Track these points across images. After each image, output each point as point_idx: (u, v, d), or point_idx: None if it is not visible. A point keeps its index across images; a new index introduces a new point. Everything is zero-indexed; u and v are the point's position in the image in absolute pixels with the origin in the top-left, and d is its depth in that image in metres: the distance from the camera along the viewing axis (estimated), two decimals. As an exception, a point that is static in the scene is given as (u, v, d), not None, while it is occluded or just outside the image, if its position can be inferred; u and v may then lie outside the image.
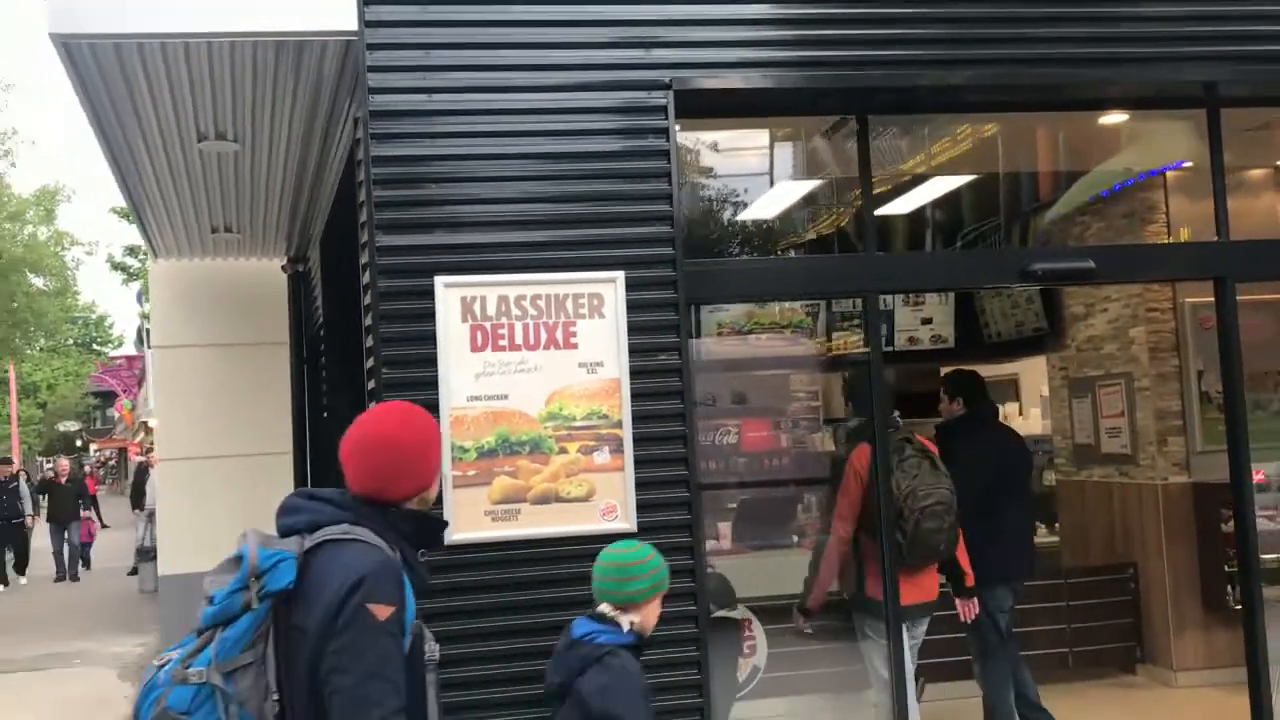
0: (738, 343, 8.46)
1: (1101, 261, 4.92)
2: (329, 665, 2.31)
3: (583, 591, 4.14)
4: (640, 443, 4.37)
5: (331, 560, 2.40)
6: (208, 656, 2.33)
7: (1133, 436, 7.46)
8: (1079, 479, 8.13)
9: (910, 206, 7.84)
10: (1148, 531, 7.35)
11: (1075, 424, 8.13)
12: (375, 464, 2.58)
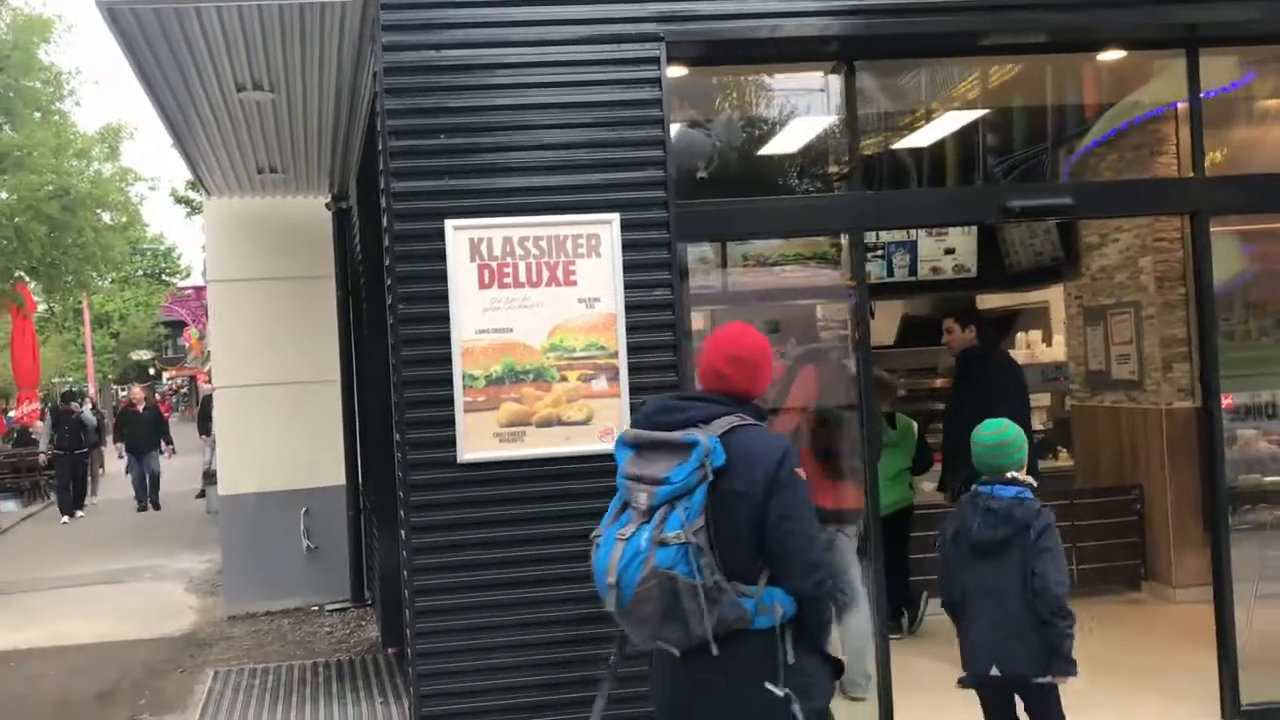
0: (764, 274, 8.76)
1: (1079, 198, 5.16)
2: (779, 514, 2.97)
3: (581, 504, 4.61)
4: (635, 372, 4.76)
5: (753, 441, 3.03)
6: (677, 522, 2.91)
7: (1140, 363, 7.69)
8: (1092, 404, 8.38)
9: (930, 140, 8.05)
10: (1152, 455, 7.61)
11: (1089, 351, 8.36)
12: (746, 367, 3.19)
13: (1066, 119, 8.24)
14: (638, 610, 2.96)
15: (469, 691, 4.63)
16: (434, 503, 4.65)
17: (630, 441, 3.14)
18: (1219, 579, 5.32)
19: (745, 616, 2.97)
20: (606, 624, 4.61)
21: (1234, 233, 6.75)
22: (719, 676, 2.99)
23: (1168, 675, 5.83)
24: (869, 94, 7.69)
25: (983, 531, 4.07)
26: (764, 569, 3.00)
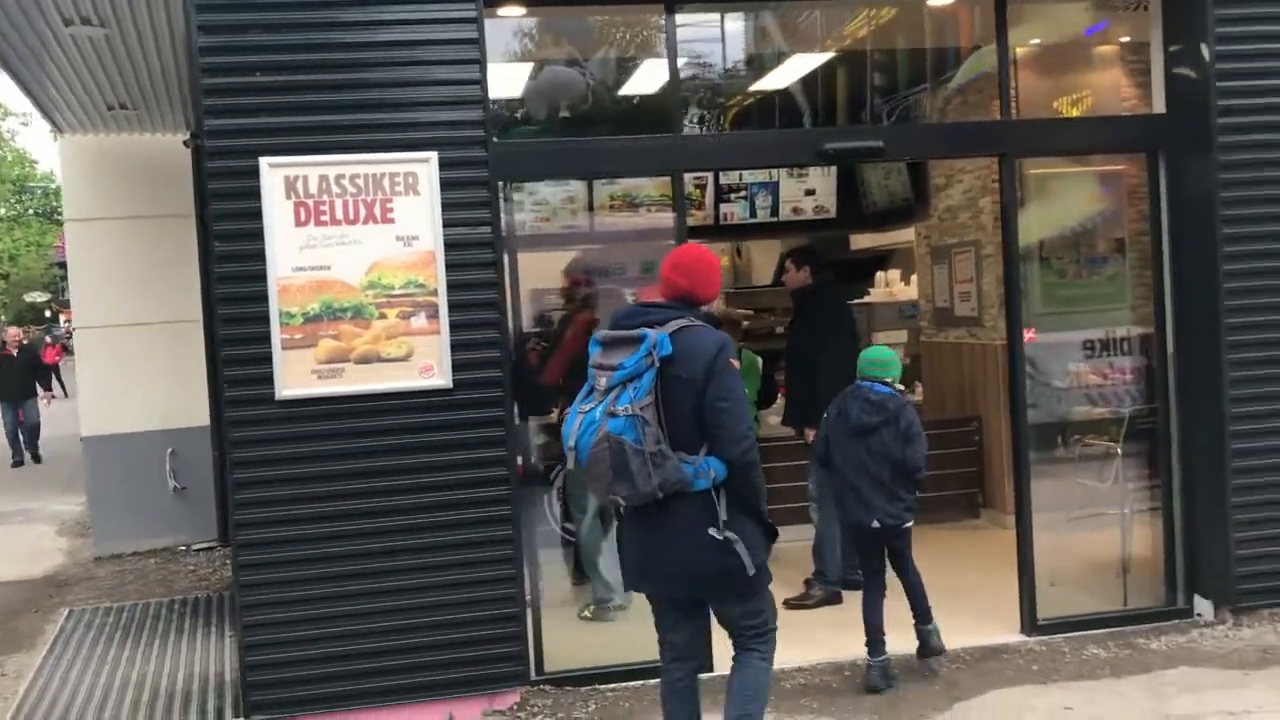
0: (628, 214, 8.86)
1: (891, 140, 5.36)
2: (714, 395, 3.61)
3: (403, 439, 4.74)
4: (455, 309, 4.87)
5: (696, 337, 3.67)
6: (627, 399, 3.56)
7: (980, 300, 8.00)
8: (938, 340, 8.71)
9: (786, 83, 8.23)
10: (989, 388, 7.95)
11: (936, 289, 8.67)
12: (696, 275, 3.83)
13: (916, 65, 8.47)
14: (594, 468, 3.60)
15: (291, 621, 4.76)
16: (253, 439, 4.74)
17: (599, 340, 3.77)
18: (1020, 505, 5.65)
19: (686, 479, 3.60)
20: (424, 554, 4.82)
21: (1094, 174, 7.06)
22: (674, 525, 3.64)
23: (982, 595, 6.16)
24: (699, 37, 7.86)
25: (861, 417, 5.06)
26: (704, 441, 3.63)
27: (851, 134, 6.01)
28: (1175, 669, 5.07)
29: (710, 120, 8.88)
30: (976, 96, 7.76)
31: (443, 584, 4.88)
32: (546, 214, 7.69)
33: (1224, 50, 5.40)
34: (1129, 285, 6.54)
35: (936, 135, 5.96)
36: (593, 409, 3.62)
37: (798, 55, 8.10)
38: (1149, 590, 5.95)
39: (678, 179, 5.27)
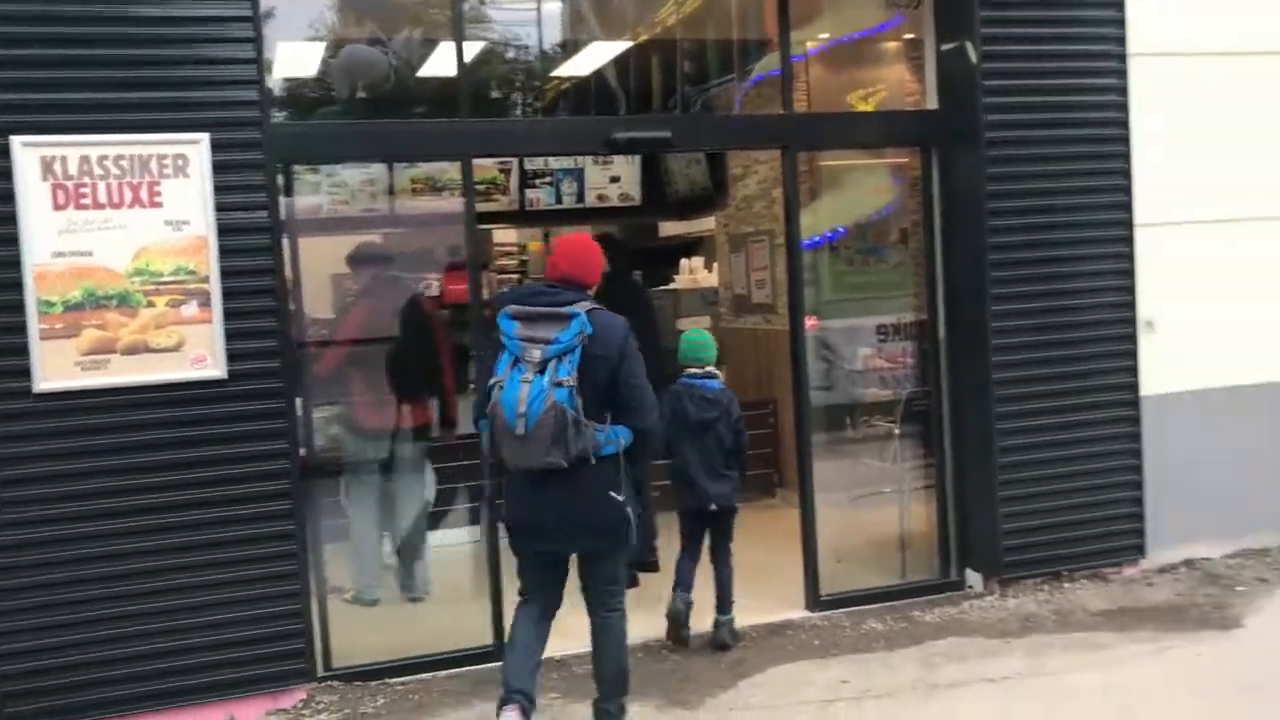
0: (431, 199, 8.73)
1: (679, 131, 5.43)
2: (629, 372, 4.07)
3: (175, 433, 4.54)
4: (230, 296, 4.69)
5: (608, 320, 4.08)
6: (565, 371, 3.92)
7: (774, 288, 8.22)
8: (737, 326, 8.92)
9: (591, 68, 8.25)
10: (784, 372, 8.14)
11: (734, 277, 8.87)
12: (582, 262, 4.25)
13: (721, 56, 8.62)
14: (538, 434, 3.92)
15: (55, 627, 4.51)
16: (10, 434, 4.46)
17: (515, 315, 4.05)
18: (803, 486, 5.85)
19: (598, 445, 4.02)
20: (200, 551, 4.64)
21: (882, 166, 7.32)
22: (579, 487, 4.02)
23: (772, 573, 6.33)
24: (507, 20, 7.81)
25: (699, 414, 5.45)
26: (609, 412, 4.07)
27: (641, 124, 6.07)
28: (945, 639, 5.34)
29: (513, 105, 8.84)
30: (770, 90, 7.95)
31: (221, 581, 4.71)
32: (345, 197, 7.52)
33: (990, 50, 5.68)
34: (910, 274, 6.84)
35: (724, 127, 6.08)
36: (536, 379, 3.93)
37: (602, 42, 8.15)
38: (925, 564, 6.25)
39: (466, 164, 5.21)
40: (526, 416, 3.90)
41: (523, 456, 4.00)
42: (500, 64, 7.97)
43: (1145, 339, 5.99)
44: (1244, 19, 6.19)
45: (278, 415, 4.77)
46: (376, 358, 6.02)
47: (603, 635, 4.31)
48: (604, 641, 4.32)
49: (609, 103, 8.47)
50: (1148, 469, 6.02)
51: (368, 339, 5.99)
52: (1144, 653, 5.01)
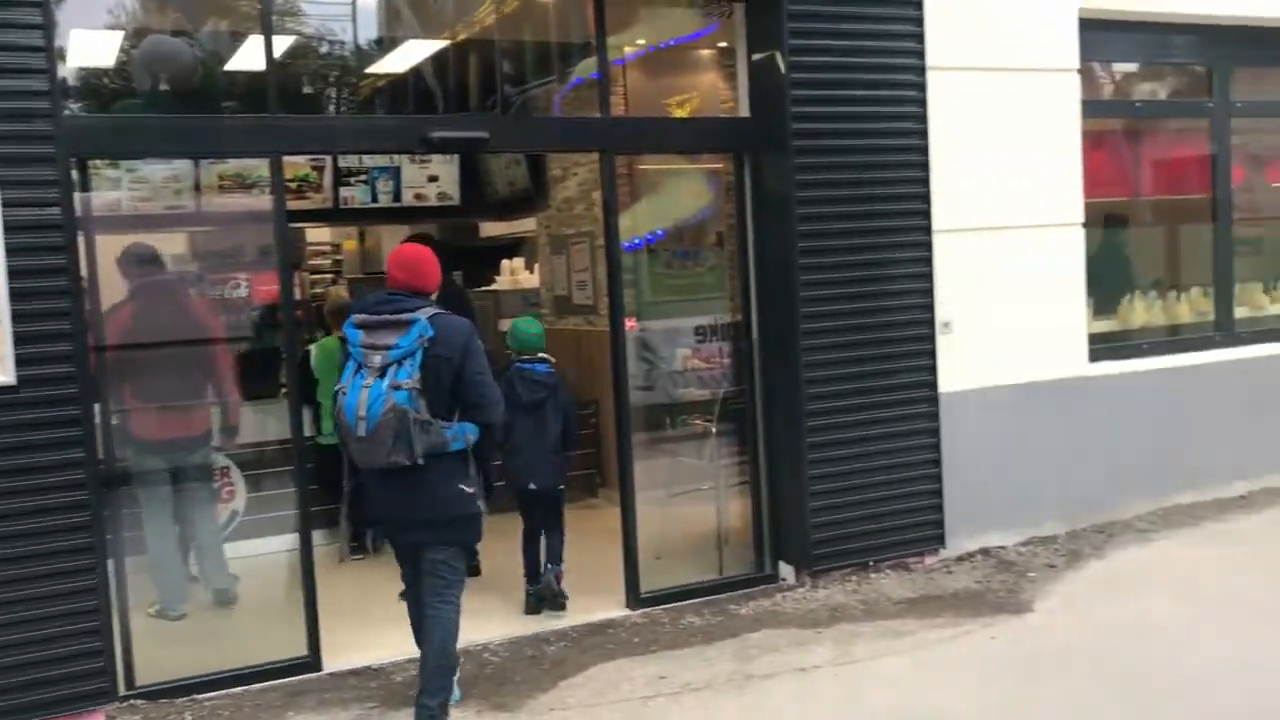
0: (242, 196, 8.42)
1: (496, 131, 5.42)
2: (473, 371, 4.30)
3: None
4: (18, 298, 4.44)
5: (450, 322, 4.31)
6: (406, 374, 4.13)
7: (595, 289, 8.29)
8: (559, 327, 8.93)
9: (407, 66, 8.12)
10: (606, 373, 8.23)
11: (555, 278, 8.90)
12: (417, 270, 4.43)
13: (541, 58, 8.62)
14: (380, 435, 4.13)
15: None
16: None
17: (360, 325, 4.27)
18: (623, 484, 5.92)
19: (446, 442, 4.27)
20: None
21: (699, 170, 7.45)
22: (429, 482, 4.26)
23: (594, 572, 6.39)
24: (323, 15, 7.62)
25: (529, 395, 5.82)
26: (456, 410, 4.31)
27: (458, 123, 6.01)
28: (760, 632, 5.49)
29: (327, 102, 8.63)
30: (589, 93, 8.00)
31: (15, 599, 4.47)
32: (148, 193, 7.18)
33: (798, 60, 5.88)
34: (726, 276, 7.00)
35: (541, 129, 6.11)
36: (376, 383, 4.14)
37: (419, 40, 8.02)
38: (742, 559, 6.41)
39: (276, 161, 5.07)
40: (367, 419, 4.12)
41: (368, 457, 4.23)
42: (313, 59, 7.76)
43: (943, 339, 6.31)
44: (1027, 36, 6.59)
45: (73, 423, 4.54)
46: (146, 364, 5.79)
47: (434, 626, 4.44)
48: (433, 631, 4.44)
49: (427, 101, 8.36)
50: (946, 463, 6.34)
51: (137, 344, 5.72)
52: (944, 638, 5.28)
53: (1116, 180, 7.87)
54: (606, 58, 5.67)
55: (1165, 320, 7.67)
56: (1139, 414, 7.05)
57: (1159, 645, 5.10)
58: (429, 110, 7.89)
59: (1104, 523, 6.90)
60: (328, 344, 7.20)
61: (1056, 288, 6.75)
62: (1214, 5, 7.28)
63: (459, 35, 8.07)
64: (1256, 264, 8.27)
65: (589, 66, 7.72)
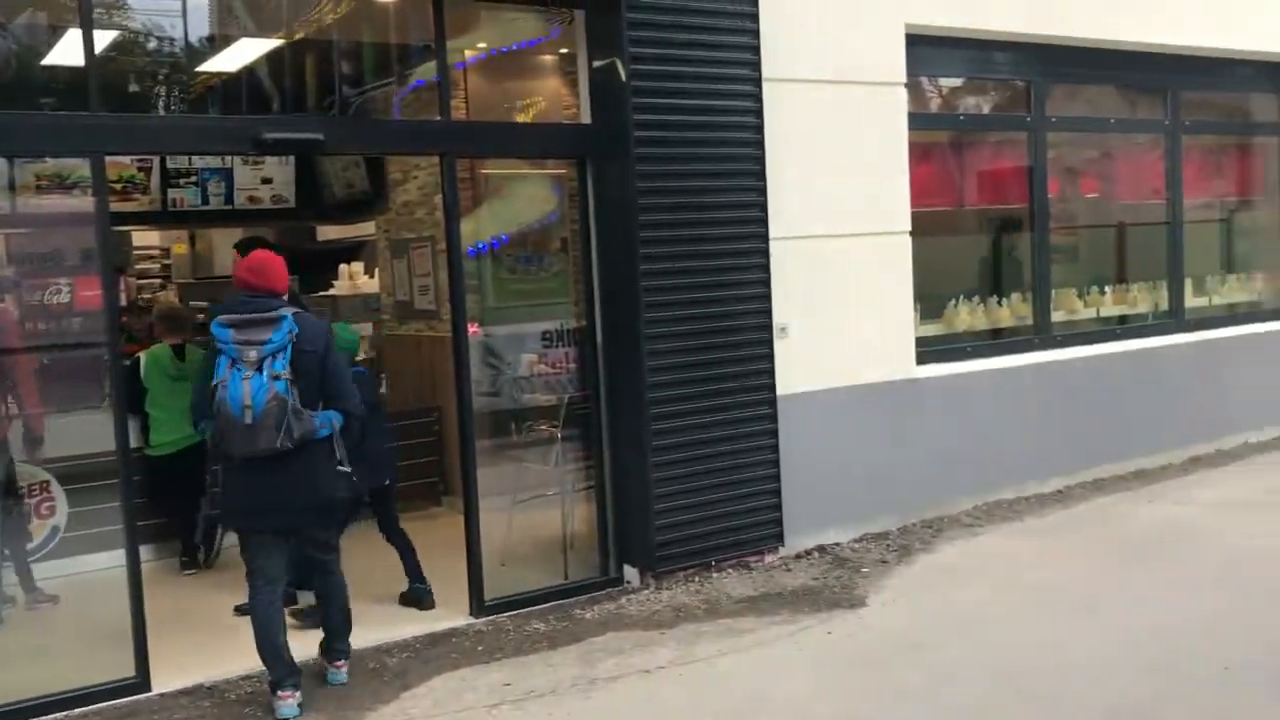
0: (63, 197, 8.04)
1: (332, 133, 5.31)
2: (334, 366, 4.77)
3: None
4: None
5: (311, 321, 4.75)
6: (281, 366, 4.50)
7: (438, 294, 8.20)
8: (401, 333, 8.82)
9: (238, 66, 7.88)
10: (448, 379, 8.15)
11: (396, 282, 8.76)
12: (266, 274, 4.74)
13: (381, 59, 8.48)
14: (264, 422, 4.47)
15: None
16: None
17: (228, 323, 4.57)
18: (466, 491, 5.87)
19: (315, 429, 4.65)
20: None
21: (543, 175, 7.43)
22: (302, 467, 4.63)
23: (438, 581, 6.28)
24: (152, 9, 7.35)
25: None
26: (320, 400, 4.70)
27: (292, 124, 5.87)
28: (605, 635, 5.53)
29: (155, 100, 8.32)
30: (430, 95, 7.92)
31: None
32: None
33: (638, 69, 5.95)
34: (571, 281, 7.03)
35: (379, 131, 6.01)
36: (256, 375, 4.48)
37: (254, 39, 7.80)
38: (588, 563, 6.44)
39: (98, 161, 4.86)
40: (253, 408, 4.46)
41: (250, 444, 4.52)
42: (140, 55, 7.47)
43: (780, 343, 6.48)
44: (857, 51, 6.83)
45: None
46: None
47: (330, 592, 5.03)
48: (332, 596, 5.04)
49: (262, 101, 8.15)
50: (784, 463, 6.51)
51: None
52: (782, 634, 5.41)
53: (943, 190, 8.24)
54: (446, 60, 5.63)
55: (988, 324, 8.06)
56: (964, 414, 7.39)
57: (982, 634, 5.35)
58: (264, 111, 7.69)
59: (933, 518, 7.20)
60: (158, 352, 6.93)
61: (886, 293, 7.01)
62: (1031, 24, 7.68)
63: (296, 34, 7.89)
64: (1072, 270, 8.77)
65: (430, 69, 7.66)
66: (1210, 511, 7.26)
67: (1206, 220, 9.69)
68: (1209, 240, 9.77)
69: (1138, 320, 8.91)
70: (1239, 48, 8.91)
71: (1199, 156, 9.56)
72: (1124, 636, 5.22)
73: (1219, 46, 8.78)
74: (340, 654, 5.12)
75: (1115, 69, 8.51)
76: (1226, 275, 9.67)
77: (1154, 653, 5.02)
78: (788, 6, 6.46)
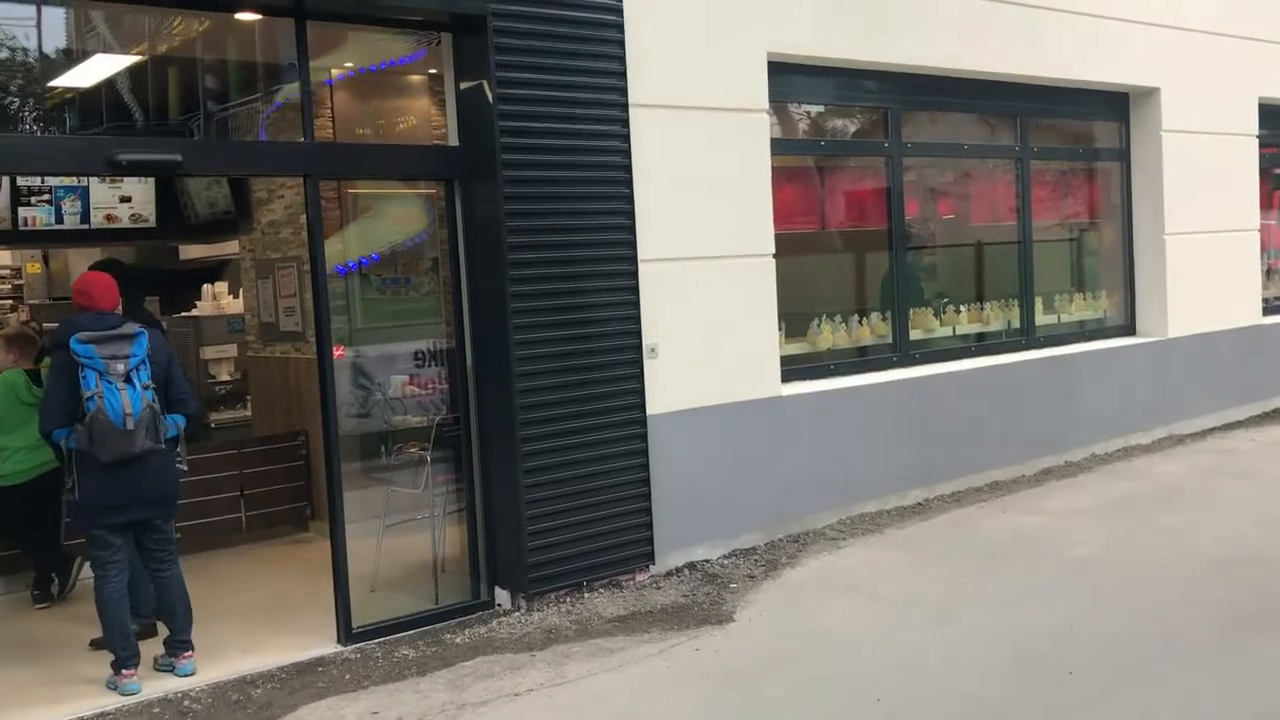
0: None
1: (192, 154, 5.21)
2: (177, 374, 5.42)
3: None
4: None
5: (154, 334, 5.33)
6: (146, 376, 5.10)
7: (304, 315, 8.06)
8: (265, 355, 8.64)
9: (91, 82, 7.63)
10: (315, 402, 8.01)
11: (261, 304, 8.59)
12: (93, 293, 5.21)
13: (245, 78, 8.31)
14: (139, 429, 5.03)
15: None
16: None
17: (89, 340, 5.01)
18: (333, 516, 5.80)
19: (166, 429, 5.24)
20: None
21: (412, 195, 7.36)
22: (157, 466, 5.23)
23: (305, 609, 6.23)
24: None
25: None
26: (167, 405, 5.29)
27: (148, 145, 5.72)
28: (474, 659, 5.50)
29: (8, 118, 8.01)
30: (295, 114, 7.80)
31: None
32: None
33: (505, 92, 5.98)
34: (441, 301, 7.00)
35: (241, 152, 5.91)
36: (128, 386, 5.02)
37: (112, 55, 7.56)
38: (459, 587, 6.40)
39: (-63, 184, 4.67)
40: (133, 415, 5.01)
41: (127, 447, 5.04)
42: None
43: (650, 363, 6.57)
44: (720, 78, 6.98)
45: None
46: None
47: (171, 583, 5.46)
48: (173, 586, 5.47)
49: (120, 118, 7.91)
50: (655, 482, 6.59)
51: None
52: (651, 652, 5.48)
53: (805, 213, 8.46)
54: (309, 79, 5.57)
55: (849, 343, 8.30)
56: (828, 430, 7.59)
57: (844, 645, 5.51)
58: (123, 128, 7.47)
59: (799, 533, 7.37)
60: (10, 379, 6.62)
61: (751, 314, 7.16)
62: (887, 53, 7.96)
63: (158, 49, 7.68)
64: (930, 289, 9.09)
65: (294, 88, 7.56)
66: (1058, 521, 7.59)
67: (1056, 240, 10.16)
68: (1059, 260, 10.24)
69: (992, 338, 9.27)
70: (1086, 78, 9.38)
71: (1049, 180, 10.02)
72: (978, 642, 5.44)
73: (1068, 77, 9.23)
74: (186, 645, 5.48)
75: (969, 96, 8.88)
76: (1074, 294, 10.14)
77: (1005, 657, 5.24)
78: (653, 35, 6.58)
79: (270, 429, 8.48)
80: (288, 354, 8.33)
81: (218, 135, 8.03)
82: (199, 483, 7.63)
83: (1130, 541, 7.08)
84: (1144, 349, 10.04)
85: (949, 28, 8.28)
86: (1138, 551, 6.85)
